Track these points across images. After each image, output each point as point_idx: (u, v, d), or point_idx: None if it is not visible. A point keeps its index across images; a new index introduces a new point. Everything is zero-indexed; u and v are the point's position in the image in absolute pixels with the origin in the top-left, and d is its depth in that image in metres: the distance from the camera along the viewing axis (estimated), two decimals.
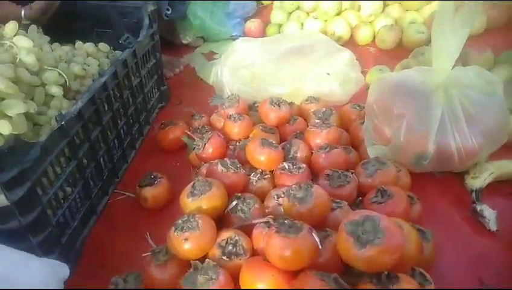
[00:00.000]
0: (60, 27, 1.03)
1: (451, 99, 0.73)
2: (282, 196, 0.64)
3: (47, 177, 0.60)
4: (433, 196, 0.74)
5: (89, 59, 0.81)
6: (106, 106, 0.79)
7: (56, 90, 0.67)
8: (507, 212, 0.69)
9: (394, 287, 0.47)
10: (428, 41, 1.19)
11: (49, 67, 0.67)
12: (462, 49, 0.70)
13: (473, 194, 0.71)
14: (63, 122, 0.62)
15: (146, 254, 0.58)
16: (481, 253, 0.63)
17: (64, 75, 0.68)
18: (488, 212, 0.66)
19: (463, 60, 0.98)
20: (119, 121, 0.84)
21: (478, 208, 0.68)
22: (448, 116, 0.73)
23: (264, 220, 0.58)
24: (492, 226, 0.66)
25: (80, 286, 0.63)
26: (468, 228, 0.68)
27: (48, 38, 0.81)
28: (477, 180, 0.72)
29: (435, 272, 0.57)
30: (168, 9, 1.19)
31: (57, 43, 0.83)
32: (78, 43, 0.85)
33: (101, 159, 0.77)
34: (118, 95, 0.84)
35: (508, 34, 1.27)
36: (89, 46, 0.84)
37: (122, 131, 0.87)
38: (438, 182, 0.77)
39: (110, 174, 0.82)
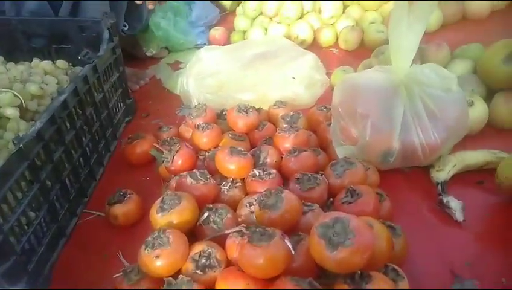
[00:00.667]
0: (15, 45, 1.00)
1: (412, 97, 0.75)
2: (254, 203, 0.64)
3: (7, 204, 0.57)
4: (401, 192, 0.75)
5: (46, 77, 0.79)
6: (68, 125, 0.76)
7: (12, 112, 0.64)
8: (473, 202, 0.71)
9: (368, 286, 0.47)
10: (388, 40, 1.22)
11: (3, 89, 0.64)
12: (420, 45, 0.72)
13: (439, 187, 0.73)
14: (21, 145, 0.60)
15: (117, 275, 0.57)
16: (450, 244, 0.65)
17: (19, 96, 0.66)
18: (454, 204, 0.69)
19: (421, 56, 1.02)
20: (83, 139, 0.82)
21: (444, 199, 0.70)
22: (410, 113, 0.75)
23: (237, 229, 0.58)
24: (459, 216, 0.68)
25: None
26: (437, 220, 0.69)
27: (1, 58, 0.78)
28: (442, 173, 0.75)
29: (407, 267, 0.58)
30: (124, 26, 1.17)
31: (12, 63, 0.80)
32: (35, 61, 0.82)
33: (67, 180, 0.75)
34: (80, 112, 0.81)
35: (463, 29, 1.33)
36: (46, 64, 0.81)
37: (87, 149, 0.84)
38: (405, 177, 0.79)
39: (77, 194, 0.79)
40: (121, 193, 0.76)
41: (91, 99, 0.85)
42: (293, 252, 0.50)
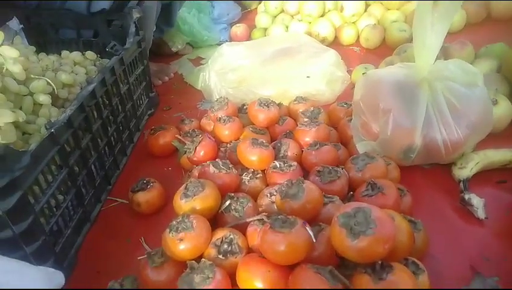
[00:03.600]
0: (44, 37, 1.04)
1: (435, 93, 0.75)
2: (275, 193, 0.65)
3: (38, 186, 0.60)
4: (422, 188, 0.75)
5: (76, 67, 0.81)
6: (95, 114, 0.79)
7: (44, 99, 0.67)
8: (495, 200, 0.71)
9: (389, 277, 0.47)
10: (410, 39, 1.22)
11: (36, 76, 0.67)
12: (443, 44, 0.72)
13: (461, 184, 0.73)
14: (52, 130, 0.62)
15: (141, 257, 0.58)
16: (471, 241, 0.65)
17: (52, 84, 0.68)
18: (476, 201, 0.68)
19: (445, 55, 1.01)
20: (109, 128, 0.84)
21: (466, 197, 0.69)
22: (433, 109, 0.74)
23: (258, 217, 0.59)
24: (481, 214, 0.67)
25: None
26: (458, 217, 0.69)
27: (33, 48, 0.81)
28: (464, 171, 0.74)
29: (427, 261, 0.58)
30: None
31: (43, 53, 0.83)
32: (65, 52, 0.85)
33: (93, 167, 0.77)
34: (107, 102, 0.84)
35: (487, 28, 1.31)
36: (75, 55, 0.84)
37: (112, 138, 0.87)
38: (426, 174, 0.79)
39: (102, 181, 0.81)
40: (144, 181, 0.78)
41: (117, 90, 0.87)
42: (314, 240, 0.51)
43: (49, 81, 0.67)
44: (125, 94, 0.92)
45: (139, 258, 0.58)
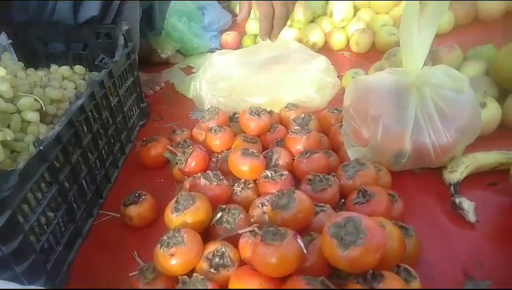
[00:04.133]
0: (32, 51, 1.03)
1: (423, 98, 0.75)
2: (266, 204, 0.65)
3: (28, 204, 0.59)
4: (413, 193, 0.75)
5: (65, 82, 0.81)
6: (85, 128, 0.78)
7: (32, 116, 0.67)
8: (486, 203, 0.71)
9: (380, 286, 0.47)
10: (399, 43, 1.22)
11: (24, 94, 0.67)
12: (432, 47, 0.73)
13: (452, 188, 0.73)
14: (41, 148, 0.62)
15: (133, 273, 0.58)
16: (463, 245, 0.65)
17: (40, 101, 0.68)
18: (467, 204, 0.68)
19: (433, 58, 1.02)
20: (99, 142, 0.84)
21: (457, 200, 0.69)
22: (422, 114, 0.75)
23: (249, 229, 0.59)
24: (472, 217, 0.67)
25: None
26: (449, 221, 0.69)
27: (21, 64, 0.81)
28: (454, 174, 0.74)
29: (420, 267, 0.59)
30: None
31: (32, 69, 0.83)
32: (53, 67, 0.85)
33: (83, 181, 0.77)
34: (97, 116, 0.83)
35: (475, 31, 1.32)
36: (64, 70, 0.84)
37: (103, 151, 0.86)
38: (417, 179, 0.79)
39: (93, 195, 0.81)
40: (136, 194, 0.78)
41: (107, 103, 0.87)
42: (305, 251, 0.51)
43: (37, 98, 0.67)
44: (115, 107, 0.91)
45: (130, 274, 0.58)
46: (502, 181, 0.73)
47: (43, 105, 0.68)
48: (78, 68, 0.85)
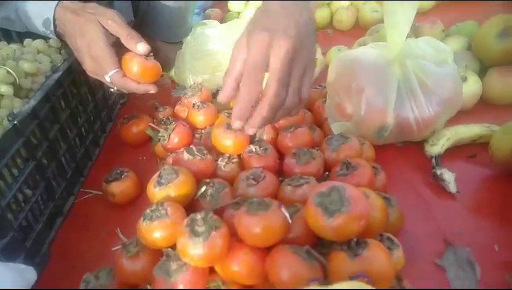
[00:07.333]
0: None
1: (406, 72, 0.75)
2: (251, 177, 0.65)
3: (3, 180, 0.58)
4: (396, 166, 0.76)
5: (40, 56, 0.78)
6: (63, 104, 0.76)
7: (5, 90, 0.64)
8: (466, 174, 0.72)
9: (364, 252, 0.48)
10: (383, 19, 1.22)
11: None
12: (414, 24, 0.72)
13: (433, 160, 0.74)
14: (15, 122, 0.59)
15: (116, 248, 0.57)
16: (444, 215, 0.66)
17: (13, 73, 0.65)
18: (448, 176, 0.69)
19: (416, 34, 1.02)
20: (79, 119, 0.82)
21: (438, 172, 0.71)
22: (404, 88, 0.75)
23: (234, 201, 0.59)
24: (452, 188, 0.69)
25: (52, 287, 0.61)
26: (431, 192, 0.71)
27: None
28: (436, 147, 0.75)
29: (402, 236, 0.60)
30: None
31: (4, 42, 0.79)
32: (27, 40, 0.81)
33: (63, 159, 0.75)
34: (75, 91, 0.81)
35: (457, 8, 1.33)
36: (38, 43, 0.80)
37: (83, 129, 0.84)
38: (399, 151, 0.80)
39: (74, 173, 0.79)
40: (118, 171, 0.76)
41: (85, 78, 0.84)
42: (290, 221, 0.51)
43: (9, 70, 0.64)
44: (94, 83, 0.88)
45: (113, 249, 0.57)
46: (481, 153, 0.75)
47: (16, 78, 0.65)
48: (54, 41, 0.81)
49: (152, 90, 0.75)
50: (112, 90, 0.78)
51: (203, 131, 0.82)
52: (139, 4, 1.07)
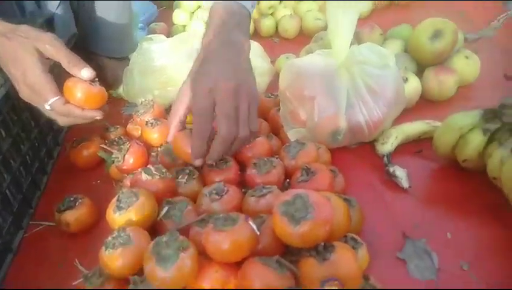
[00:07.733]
0: None
1: (353, 77, 0.79)
2: (214, 192, 0.64)
3: None
4: (351, 167, 0.79)
5: None
6: (3, 132, 0.71)
7: None
8: (416, 169, 0.77)
9: (332, 256, 0.49)
10: (325, 27, 1.28)
11: None
12: (355, 30, 0.76)
13: (385, 159, 0.78)
14: None
15: (77, 282, 0.54)
16: (400, 209, 0.70)
17: None
18: (399, 172, 0.74)
19: (357, 39, 1.07)
20: (22, 147, 0.76)
21: (391, 169, 0.74)
22: (353, 92, 0.79)
23: (199, 218, 0.58)
24: (405, 183, 0.73)
25: None
26: (386, 189, 0.74)
27: None
28: (386, 146, 0.80)
29: (365, 234, 0.62)
30: None
31: None
32: None
33: (7, 191, 0.69)
34: (16, 118, 0.76)
35: (392, 12, 1.42)
36: None
37: (27, 157, 0.79)
38: (353, 153, 0.83)
39: (21, 205, 0.74)
40: (71, 199, 0.72)
41: (26, 103, 0.79)
42: (258, 233, 0.51)
43: None
44: (36, 107, 0.83)
45: (74, 283, 0.54)
46: (426, 148, 0.80)
47: None
48: None
49: (98, 116, 0.71)
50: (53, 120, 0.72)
51: (159, 149, 0.80)
52: (78, 16, 1.03)
